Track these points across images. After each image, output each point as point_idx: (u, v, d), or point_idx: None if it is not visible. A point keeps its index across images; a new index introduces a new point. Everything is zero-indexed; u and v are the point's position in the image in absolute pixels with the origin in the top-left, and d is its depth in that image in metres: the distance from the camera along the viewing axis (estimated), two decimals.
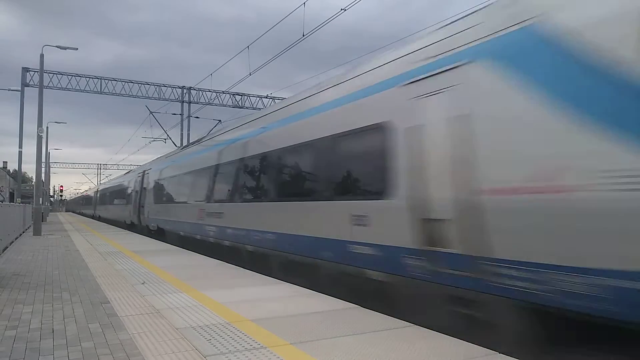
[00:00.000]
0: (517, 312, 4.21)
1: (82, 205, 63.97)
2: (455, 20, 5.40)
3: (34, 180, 20.91)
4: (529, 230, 3.96)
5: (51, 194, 67.38)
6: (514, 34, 4.27)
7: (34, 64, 23.21)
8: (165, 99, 31.08)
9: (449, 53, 4.92)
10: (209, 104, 31.89)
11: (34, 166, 19.38)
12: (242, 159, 10.50)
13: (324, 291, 6.43)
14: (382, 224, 5.72)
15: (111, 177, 54.92)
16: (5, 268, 8.99)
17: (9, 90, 27.02)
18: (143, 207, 21.24)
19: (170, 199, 16.69)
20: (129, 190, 24.48)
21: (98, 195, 42.05)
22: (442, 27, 5.54)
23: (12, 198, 31.41)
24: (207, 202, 12.31)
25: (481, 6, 5.22)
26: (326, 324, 4.65)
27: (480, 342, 4.09)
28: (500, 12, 4.61)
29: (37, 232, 18.44)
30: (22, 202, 25.69)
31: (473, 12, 5.15)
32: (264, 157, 9.42)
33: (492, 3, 4.91)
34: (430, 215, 4.96)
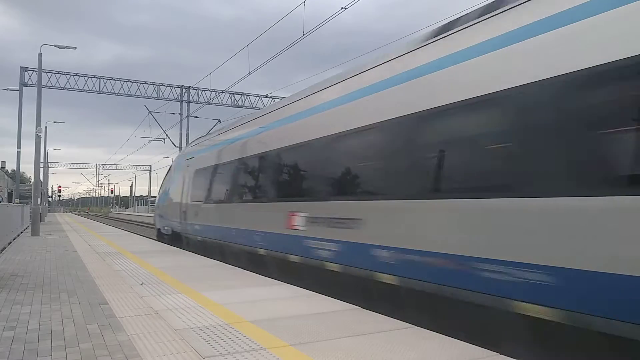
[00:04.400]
0: None
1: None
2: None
3: (32, 181, 20.85)
4: None
5: (49, 194, 67.28)
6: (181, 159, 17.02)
7: (33, 64, 23.17)
8: (164, 99, 31.04)
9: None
10: (209, 103, 31.85)
11: (32, 166, 19.34)
12: None
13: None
14: None
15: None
16: (4, 268, 8.95)
17: (7, 90, 26.96)
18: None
19: None
20: None
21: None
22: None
23: (10, 198, 31.36)
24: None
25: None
26: (326, 325, 4.64)
27: (481, 343, 4.07)
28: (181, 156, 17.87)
29: (35, 232, 18.40)
30: (20, 202, 25.64)
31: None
32: None
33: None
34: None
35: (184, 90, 31.48)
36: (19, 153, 27.30)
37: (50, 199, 70.53)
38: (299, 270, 8.02)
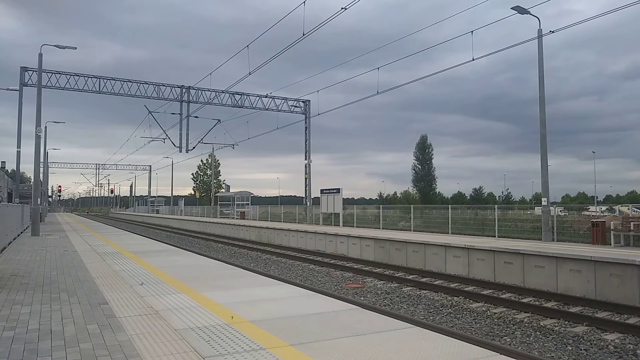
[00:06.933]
0: None
1: None
2: None
3: (32, 181, 20.84)
4: None
5: (49, 194, 67.33)
6: None
7: (33, 64, 23.17)
8: (164, 99, 30.99)
9: None
10: (209, 103, 31.82)
11: (32, 166, 19.31)
12: None
13: None
14: None
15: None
16: (4, 269, 8.95)
17: (7, 89, 26.93)
18: None
19: None
20: None
21: None
22: None
23: (10, 198, 31.41)
24: None
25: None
26: (326, 325, 4.64)
27: (481, 343, 4.08)
28: None
29: (35, 232, 18.39)
30: (20, 202, 25.63)
31: None
32: None
33: None
34: None
35: (184, 90, 31.46)
36: (18, 153, 27.23)
37: (50, 199, 70.58)
38: None
